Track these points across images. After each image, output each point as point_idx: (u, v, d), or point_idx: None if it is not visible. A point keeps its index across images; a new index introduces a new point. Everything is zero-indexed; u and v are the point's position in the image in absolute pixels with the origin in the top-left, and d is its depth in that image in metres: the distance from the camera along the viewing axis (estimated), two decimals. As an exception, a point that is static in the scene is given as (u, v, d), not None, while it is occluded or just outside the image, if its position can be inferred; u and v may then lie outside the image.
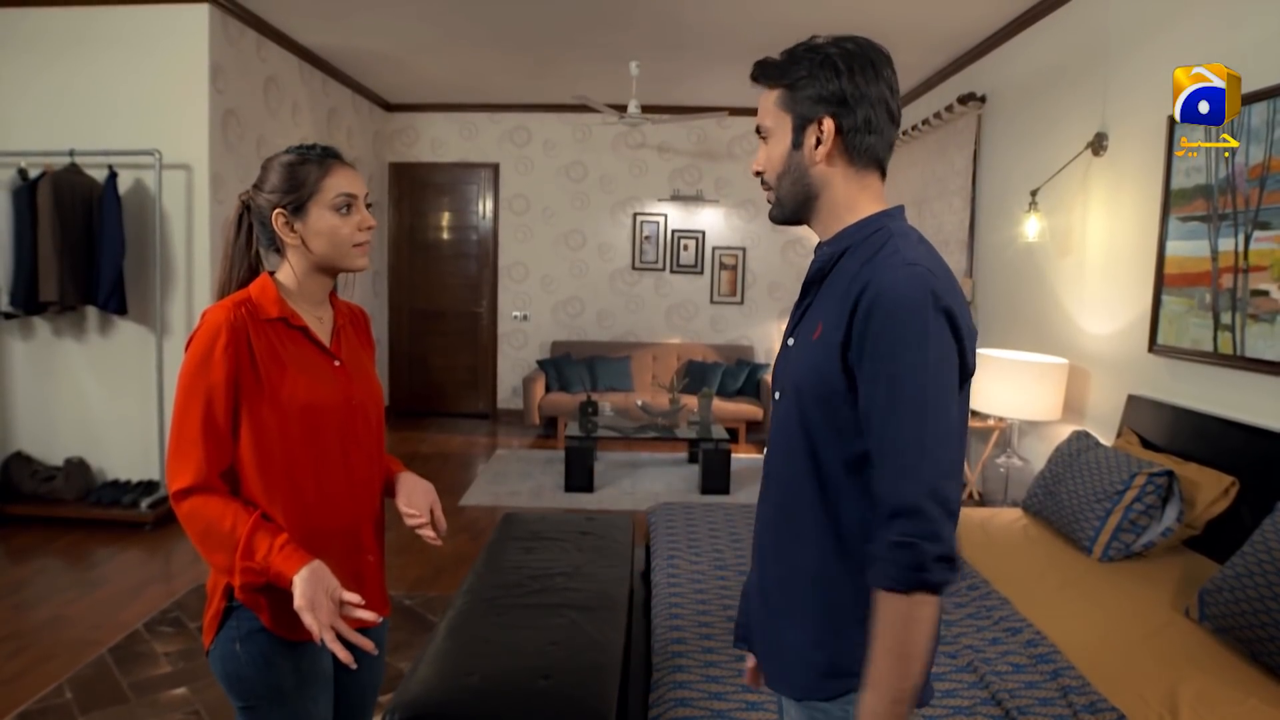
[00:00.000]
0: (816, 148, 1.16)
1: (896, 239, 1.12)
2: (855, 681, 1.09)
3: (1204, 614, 2.19)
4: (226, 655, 1.38)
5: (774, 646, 1.24)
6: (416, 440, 6.82)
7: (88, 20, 4.37)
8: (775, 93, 1.18)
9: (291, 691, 1.40)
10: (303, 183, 1.41)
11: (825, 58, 1.15)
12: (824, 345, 1.11)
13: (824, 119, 1.15)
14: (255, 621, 1.38)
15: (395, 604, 3.47)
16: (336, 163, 1.45)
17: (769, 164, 1.21)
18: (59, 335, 4.57)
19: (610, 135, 7.37)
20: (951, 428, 1.04)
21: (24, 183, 4.19)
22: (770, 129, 1.20)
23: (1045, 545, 2.87)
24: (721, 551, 2.90)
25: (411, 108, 7.40)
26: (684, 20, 4.76)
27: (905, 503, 0.99)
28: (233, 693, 1.41)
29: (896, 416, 1.02)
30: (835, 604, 1.15)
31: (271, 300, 1.41)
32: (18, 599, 3.46)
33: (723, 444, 5.39)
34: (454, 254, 7.68)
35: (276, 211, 1.42)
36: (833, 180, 1.18)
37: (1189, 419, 2.94)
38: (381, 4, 4.63)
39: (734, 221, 7.49)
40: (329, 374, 1.46)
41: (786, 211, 1.22)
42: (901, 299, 1.03)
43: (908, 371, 1.02)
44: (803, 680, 1.18)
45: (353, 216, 1.44)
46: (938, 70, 5.62)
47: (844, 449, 1.12)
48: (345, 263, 1.46)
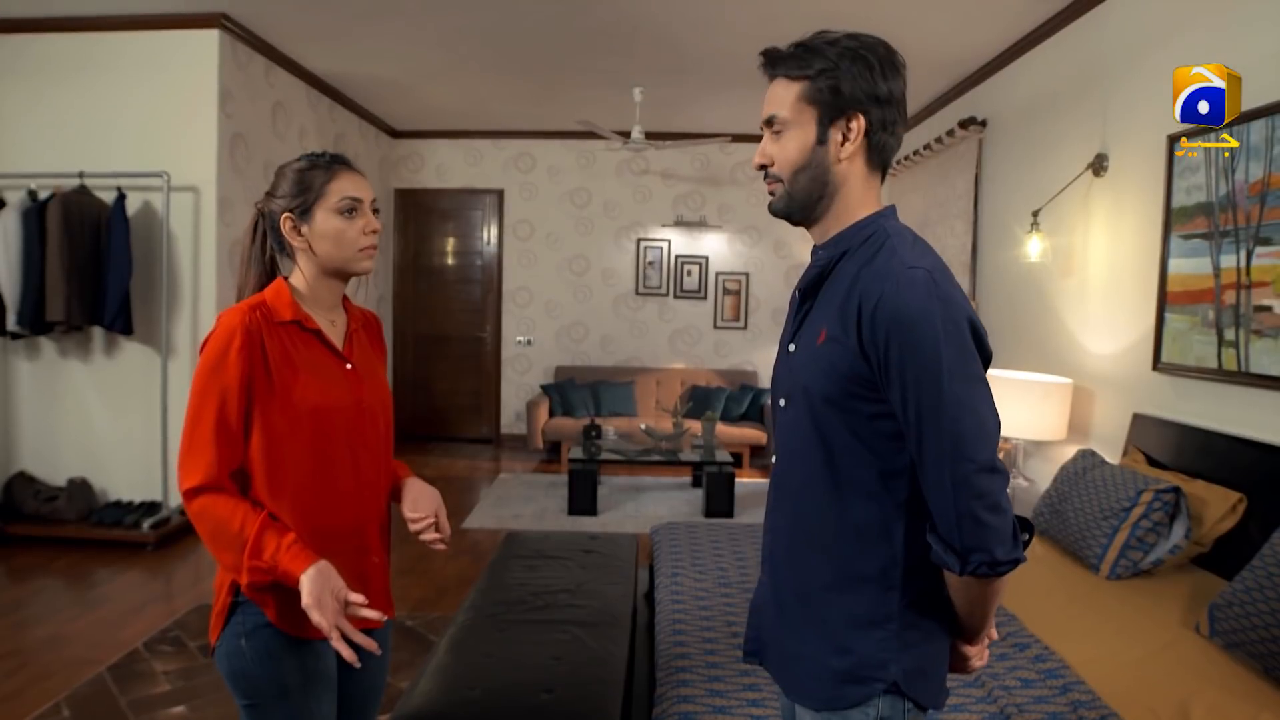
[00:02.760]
0: (843, 144, 1.14)
1: (893, 239, 1.13)
2: (879, 687, 1.14)
3: (1214, 629, 2.16)
4: (232, 651, 1.38)
5: (791, 657, 1.23)
6: (420, 464, 6.80)
7: (100, 45, 4.45)
8: (797, 85, 1.14)
9: (296, 689, 1.40)
10: (309, 187, 1.45)
11: (853, 52, 1.12)
12: (833, 349, 1.11)
13: (856, 116, 1.13)
14: (261, 617, 1.38)
15: (397, 625, 3.45)
16: (342, 168, 1.48)
17: (783, 158, 1.17)
18: (64, 356, 4.59)
19: (614, 161, 7.43)
20: (986, 414, 1.06)
21: (33, 204, 4.22)
22: (788, 121, 1.16)
23: (1052, 564, 2.85)
24: (725, 570, 2.88)
25: (417, 134, 7.48)
26: (686, 47, 4.82)
27: (965, 508, 1.04)
28: (237, 690, 1.40)
29: (935, 421, 1.04)
30: (855, 609, 1.15)
31: (286, 304, 1.44)
32: (17, 617, 3.44)
33: (727, 467, 5.37)
34: (458, 279, 7.72)
35: (285, 215, 1.45)
36: (850, 179, 1.16)
37: (1195, 436, 2.92)
38: (388, 31, 4.70)
39: (737, 247, 7.52)
40: (341, 377, 1.48)
41: (795, 206, 1.19)
42: (907, 307, 1.04)
43: (931, 378, 1.03)
44: (824, 690, 1.18)
45: (357, 220, 1.46)
46: (939, 95, 5.67)
47: (863, 453, 1.13)
48: (351, 265, 1.48)
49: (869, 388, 1.09)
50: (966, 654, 1.24)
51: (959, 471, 1.03)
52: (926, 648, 1.17)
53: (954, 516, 1.04)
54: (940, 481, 1.04)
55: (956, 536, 1.04)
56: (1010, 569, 1.06)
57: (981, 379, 1.07)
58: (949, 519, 1.05)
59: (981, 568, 1.04)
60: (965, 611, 1.15)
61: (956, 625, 1.19)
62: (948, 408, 1.03)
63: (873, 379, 1.08)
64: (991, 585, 1.09)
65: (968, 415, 1.03)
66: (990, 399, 1.08)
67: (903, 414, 1.06)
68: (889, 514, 1.13)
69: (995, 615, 1.20)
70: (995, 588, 1.10)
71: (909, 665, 1.14)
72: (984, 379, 1.07)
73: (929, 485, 1.06)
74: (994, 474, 1.04)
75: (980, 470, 1.03)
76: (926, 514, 1.10)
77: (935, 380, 1.03)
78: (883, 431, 1.11)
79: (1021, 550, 1.06)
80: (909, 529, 1.13)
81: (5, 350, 4.60)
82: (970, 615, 1.16)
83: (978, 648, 1.24)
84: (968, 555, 1.04)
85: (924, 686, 1.16)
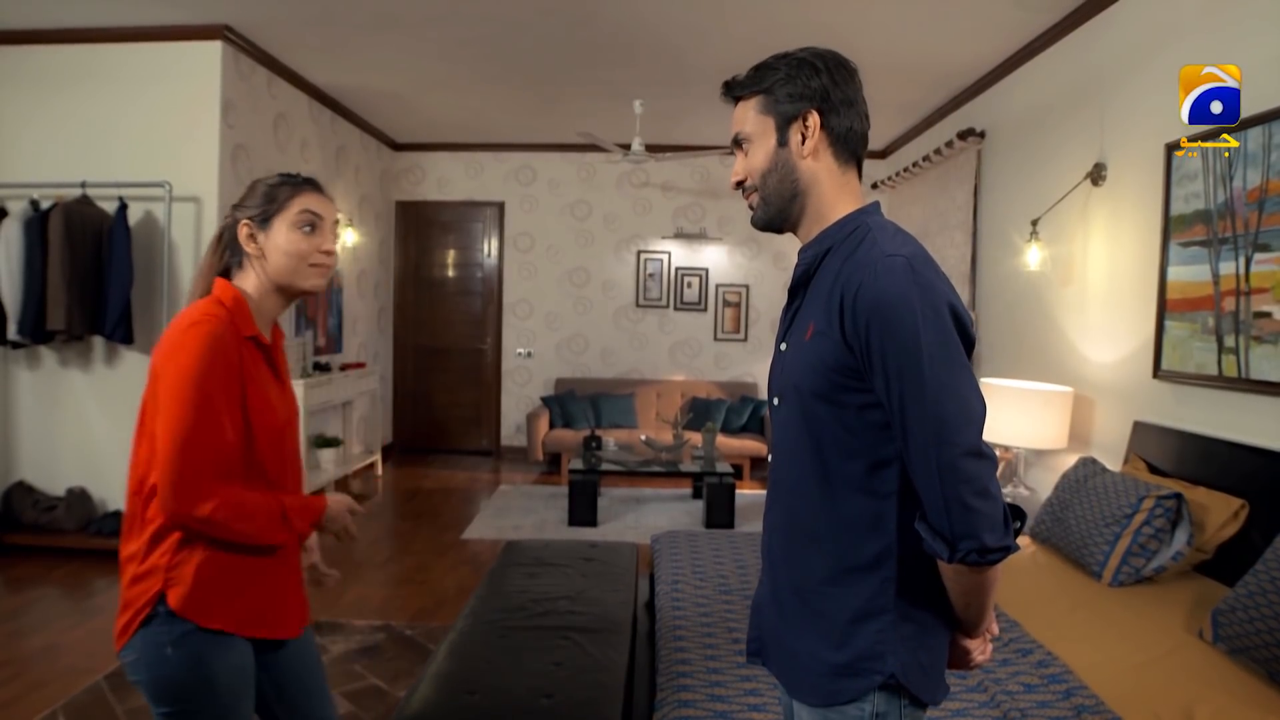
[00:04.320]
0: (803, 143, 1.19)
1: (874, 232, 1.14)
2: (877, 679, 1.14)
3: (1218, 635, 2.15)
4: (156, 660, 1.38)
5: (791, 654, 1.24)
6: (419, 476, 6.79)
7: (103, 56, 4.47)
8: (754, 100, 1.22)
9: (223, 690, 1.42)
10: (273, 199, 1.49)
11: (800, 61, 1.19)
12: (820, 343, 1.13)
13: (809, 113, 1.18)
14: (188, 624, 1.38)
15: (396, 634, 3.43)
16: (310, 187, 1.52)
17: (752, 168, 1.23)
18: (65, 365, 4.59)
19: (614, 174, 7.46)
20: (971, 398, 1.06)
21: (35, 213, 4.24)
22: (751, 134, 1.22)
23: (1054, 572, 2.83)
24: (726, 576, 2.87)
25: (418, 147, 7.51)
26: (685, 58, 4.85)
27: (951, 494, 1.03)
28: (160, 698, 1.40)
29: (918, 407, 1.04)
30: (851, 602, 1.16)
31: (246, 318, 1.46)
32: (13, 626, 3.42)
33: (727, 477, 5.36)
34: (459, 291, 7.73)
35: (243, 223, 1.48)
36: (820, 176, 1.20)
37: (1196, 443, 2.92)
38: (389, 43, 4.73)
39: (737, 259, 7.54)
40: (277, 393, 1.53)
41: (772, 212, 1.24)
42: (885, 293, 1.05)
43: (912, 363, 1.04)
44: (821, 685, 1.18)
45: (314, 237, 1.50)
46: (937, 108, 5.70)
47: (852, 444, 1.13)
48: (299, 280, 1.50)
49: (855, 378, 1.10)
50: (967, 648, 1.24)
51: (944, 456, 1.03)
52: (924, 640, 1.17)
53: (941, 503, 1.04)
54: (926, 468, 1.05)
55: (945, 523, 1.04)
56: (1001, 557, 1.05)
57: (964, 364, 1.07)
58: (937, 506, 1.05)
59: (971, 555, 1.04)
60: (961, 603, 1.15)
61: (954, 618, 1.19)
62: (930, 392, 1.03)
63: (858, 369, 1.09)
64: (984, 574, 1.09)
65: (950, 399, 1.04)
66: (974, 384, 1.08)
67: (887, 401, 1.07)
68: (881, 505, 1.13)
69: (994, 610, 1.20)
70: (989, 577, 1.10)
71: (906, 658, 1.14)
72: (966, 364, 1.08)
73: (916, 473, 1.07)
74: (980, 459, 1.04)
75: (966, 454, 1.03)
76: (918, 503, 1.10)
77: (916, 365, 1.03)
78: (872, 422, 1.11)
79: (1012, 538, 1.06)
80: (901, 519, 1.13)
81: (6, 359, 4.60)
82: (966, 607, 1.16)
83: (978, 641, 1.24)
84: (956, 542, 1.04)
85: (922, 680, 1.16)
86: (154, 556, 1.39)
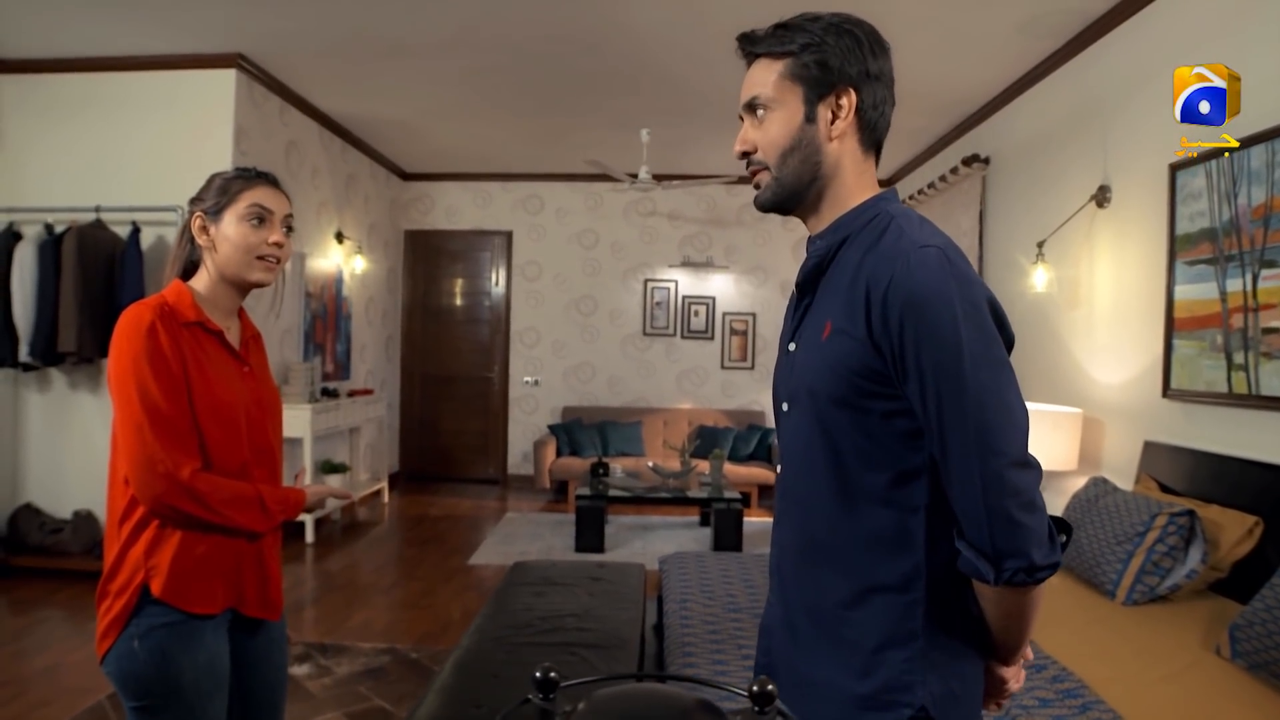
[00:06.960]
0: (833, 122, 1.06)
1: (899, 221, 1.03)
2: (905, 713, 1.02)
3: (1236, 651, 2.11)
4: (123, 654, 1.39)
5: (805, 683, 1.09)
6: (425, 503, 6.76)
7: (118, 83, 4.56)
8: (780, 62, 1.06)
9: (188, 688, 1.41)
10: (225, 192, 1.51)
11: (836, 27, 1.05)
12: (840, 343, 1.02)
13: (846, 91, 1.05)
14: (157, 619, 1.39)
15: (401, 656, 3.40)
16: (263, 181, 1.55)
17: (767, 141, 1.08)
18: (75, 388, 4.61)
19: (621, 203, 7.53)
20: (1015, 402, 0.97)
21: (49, 237, 4.29)
22: (771, 101, 1.07)
23: (1067, 591, 2.80)
24: (735, 595, 2.84)
25: (427, 177, 7.60)
26: (691, 86, 4.92)
27: (996, 508, 0.93)
28: (128, 692, 1.42)
29: (958, 413, 0.95)
30: (875, 627, 1.04)
31: (187, 305, 1.48)
32: (16, 647, 3.40)
33: (735, 504, 5.32)
34: (466, 319, 7.77)
35: (195, 215, 1.51)
36: (844, 162, 1.07)
37: (1208, 461, 2.90)
38: (399, 73, 4.81)
39: (744, 287, 7.57)
40: (239, 377, 1.54)
41: (785, 193, 1.09)
42: (920, 288, 0.95)
43: (951, 364, 0.94)
44: (844, 718, 1.05)
45: (264, 230, 1.52)
46: (941, 136, 5.76)
47: (875, 454, 1.03)
48: (246, 272, 1.52)
49: (882, 382, 0.99)
50: (1002, 676, 1.13)
51: (988, 467, 0.93)
52: (957, 668, 1.05)
53: (985, 518, 0.93)
54: (968, 480, 0.94)
55: (988, 541, 0.94)
56: (1049, 574, 0.96)
57: (1006, 364, 0.97)
58: (979, 521, 0.94)
59: (1019, 575, 0.94)
60: (1000, 626, 1.04)
61: (989, 643, 1.08)
62: (971, 396, 0.93)
63: (885, 372, 0.98)
64: (1029, 594, 0.98)
65: (994, 404, 0.94)
66: (1017, 386, 0.98)
67: (921, 408, 0.97)
68: (907, 520, 1.02)
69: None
70: (1032, 597, 1.00)
71: (938, 688, 1.02)
72: (1008, 364, 0.98)
73: (954, 485, 0.96)
74: (1027, 469, 0.94)
75: (1012, 464, 0.93)
76: (949, 518, 1.00)
77: (956, 367, 0.93)
78: (898, 431, 1.00)
79: (1060, 553, 0.96)
80: (930, 535, 1.02)
81: (16, 382, 4.63)
82: (1006, 630, 1.05)
83: (1014, 669, 1.13)
84: (1002, 561, 0.94)
85: (955, 712, 1.04)
86: (130, 554, 1.41)
